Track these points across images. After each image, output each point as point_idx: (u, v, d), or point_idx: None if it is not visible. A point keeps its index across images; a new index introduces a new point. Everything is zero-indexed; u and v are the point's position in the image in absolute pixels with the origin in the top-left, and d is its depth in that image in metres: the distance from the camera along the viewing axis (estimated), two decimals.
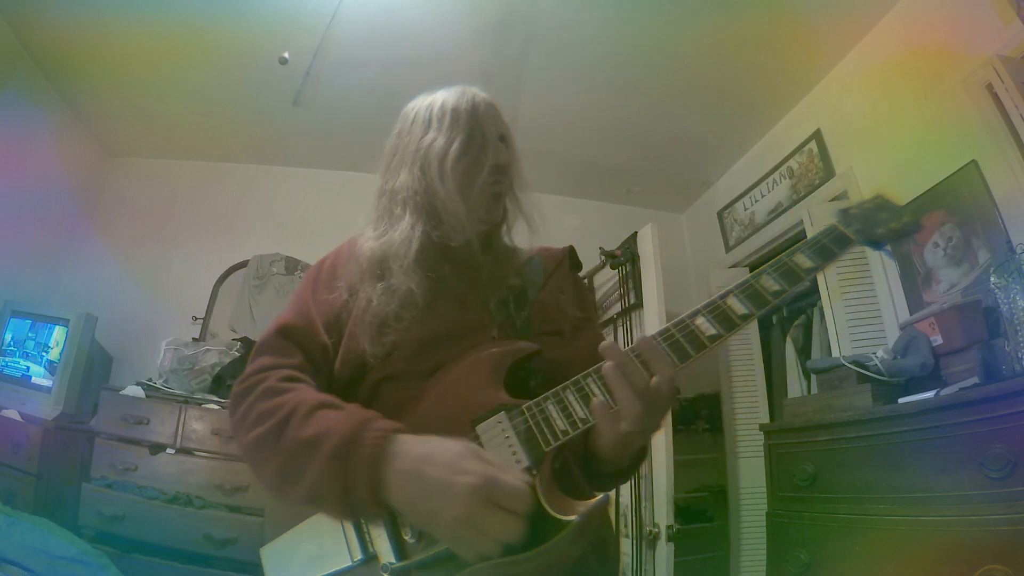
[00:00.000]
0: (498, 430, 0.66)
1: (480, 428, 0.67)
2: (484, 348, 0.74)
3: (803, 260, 0.69)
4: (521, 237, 0.93)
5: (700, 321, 0.65)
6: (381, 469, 0.60)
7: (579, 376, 0.67)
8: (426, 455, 0.60)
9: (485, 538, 0.57)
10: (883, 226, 0.73)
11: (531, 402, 0.68)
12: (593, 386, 0.65)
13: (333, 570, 0.68)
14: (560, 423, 0.65)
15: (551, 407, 0.66)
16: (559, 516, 0.60)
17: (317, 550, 0.69)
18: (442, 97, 0.89)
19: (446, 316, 0.79)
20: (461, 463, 0.59)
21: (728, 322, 0.65)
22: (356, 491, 0.60)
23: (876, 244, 0.73)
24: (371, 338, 0.76)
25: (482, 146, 0.85)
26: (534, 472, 0.64)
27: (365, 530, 0.67)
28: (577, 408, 0.65)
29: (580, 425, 0.65)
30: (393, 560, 0.64)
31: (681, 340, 0.65)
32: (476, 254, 0.85)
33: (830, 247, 0.71)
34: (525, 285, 0.86)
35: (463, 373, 0.73)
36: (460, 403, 0.70)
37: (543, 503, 0.61)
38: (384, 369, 0.76)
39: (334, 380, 0.79)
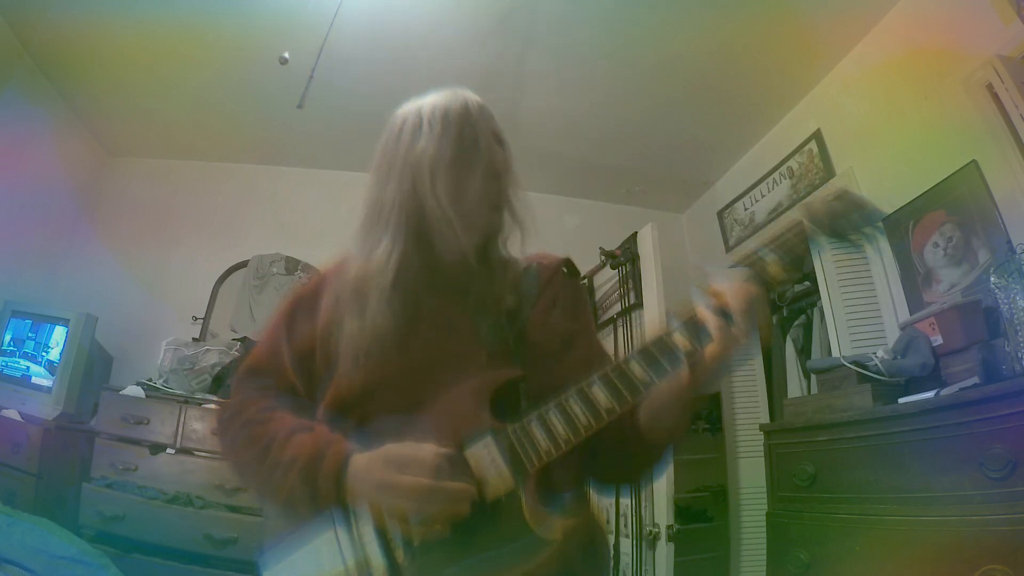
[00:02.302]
0: (485, 453, 0.69)
1: (468, 453, 0.69)
2: (470, 376, 0.75)
3: (773, 265, 0.71)
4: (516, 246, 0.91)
5: (677, 337, 0.69)
6: (339, 482, 0.70)
7: (561, 397, 0.69)
8: (365, 466, 0.69)
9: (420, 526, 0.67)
10: (846, 219, 0.74)
11: (516, 424, 0.70)
12: (575, 406, 0.69)
13: None
14: (543, 443, 0.68)
15: (535, 428, 0.69)
16: (543, 536, 0.65)
17: (314, 571, 0.71)
18: (432, 101, 0.85)
19: (432, 344, 0.79)
20: (393, 481, 0.66)
21: (703, 336, 0.68)
22: (321, 498, 0.70)
23: (841, 237, 0.75)
24: (349, 373, 0.77)
25: (475, 151, 0.81)
26: (520, 492, 0.67)
27: (360, 551, 0.70)
28: (560, 428, 0.68)
29: (563, 445, 0.68)
30: None
31: (659, 357, 0.69)
32: (468, 271, 0.82)
33: (795, 243, 0.72)
34: (519, 303, 0.83)
35: (450, 403, 0.74)
36: (448, 431, 0.71)
37: (527, 520, 0.65)
38: (372, 401, 0.77)
39: (325, 411, 0.79)
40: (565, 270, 0.91)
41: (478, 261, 0.84)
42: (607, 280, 2.90)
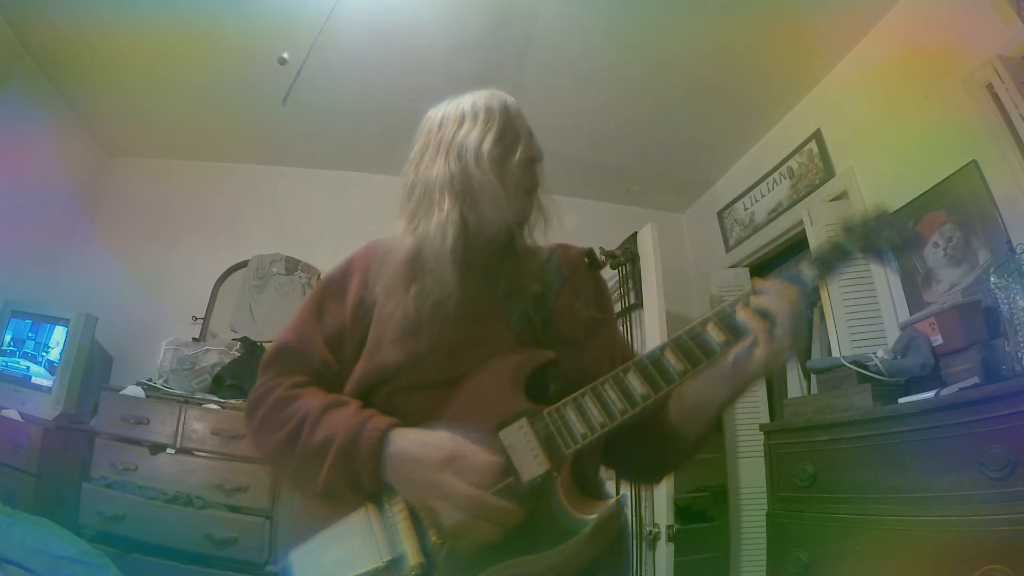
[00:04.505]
0: (520, 436, 0.70)
1: (503, 434, 0.71)
2: (503, 357, 0.76)
3: (809, 272, 0.74)
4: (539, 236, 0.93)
5: (712, 328, 0.71)
6: (379, 461, 0.69)
7: (597, 382, 0.71)
8: (415, 454, 0.69)
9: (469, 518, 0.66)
10: (885, 239, 0.76)
11: (551, 408, 0.71)
12: (610, 391, 0.70)
13: (361, 571, 0.70)
14: (579, 428, 0.70)
15: (570, 412, 0.71)
16: (579, 516, 0.66)
17: (346, 553, 0.71)
18: (471, 98, 0.89)
19: (465, 326, 0.79)
20: (448, 486, 0.66)
21: (737, 330, 0.70)
22: (362, 480, 0.69)
23: (879, 256, 0.76)
24: (397, 345, 0.77)
25: (515, 139, 0.86)
26: (555, 475, 0.68)
27: (394, 532, 0.70)
28: (595, 413, 0.70)
29: (599, 429, 0.69)
30: (421, 561, 0.68)
31: (694, 347, 0.70)
32: (499, 256, 0.85)
33: (833, 261, 0.75)
34: (544, 291, 0.86)
35: (484, 382, 0.75)
36: (483, 412, 0.72)
37: (564, 504, 0.67)
38: (403, 380, 0.77)
39: (354, 388, 0.80)
40: (587, 260, 0.95)
41: (506, 247, 0.87)
42: (607, 280, 2.90)
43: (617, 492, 2.41)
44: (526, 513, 0.67)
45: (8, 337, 2.55)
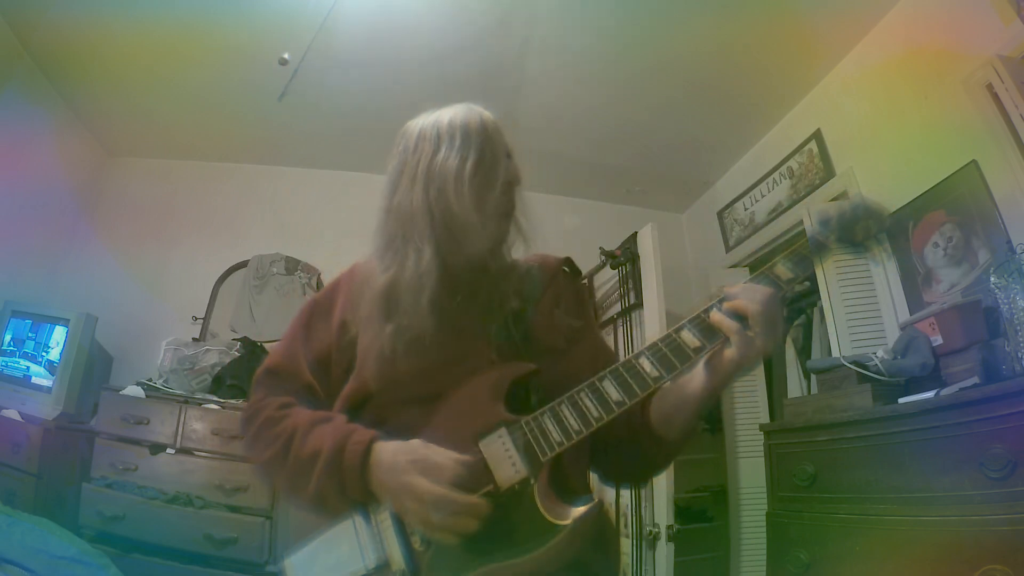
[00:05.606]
0: (499, 444, 0.72)
1: (482, 443, 0.72)
2: (484, 371, 0.78)
3: (783, 271, 0.75)
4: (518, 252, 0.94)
5: (685, 334, 0.72)
6: (364, 471, 0.72)
7: (574, 391, 0.73)
8: (390, 462, 0.71)
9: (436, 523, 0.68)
10: (861, 229, 0.77)
11: (529, 417, 0.73)
12: (586, 399, 0.72)
13: None
14: (556, 435, 0.71)
15: (547, 421, 0.72)
16: (555, 521, 0.67)
17: (334, 559, 0.74)
18: (449, 115, 0.87)
19: (447, 344, 0.81)
20: (412, 483, 0.69)
21: (711, 335, 0.71)
22: (348, 490, 0.72)
23: (856, 249, 0.78)
24: (376, 373, 0.79)
25: (493, 164, 0.84)
26: (532, 481, 0.70)
27: (379, 539, 0.72)
28: (572, 421, 0.71)
29: (574, 436, 0.71)
30: (404, 567, 0.70)
31: (668, 353, 0.72)
32: (478, 275, 0.86)
33: (807, 257, 0.77)
34: (523, 305, 0.86)
35: (465, 396, 0.77)
36: (464, 424, 0.74)
37: (540, 509, 0.69)
38: (388, 396, 0.80)
39: (343, 404, 0.83)
40: (566, 269, 0.95)
41: (484, 268, 0.88)
42: (607, 280, 2.90)
43: (617, 495, 2.41)
44: (506, 518, 0.69)
45: (8, 337, 2.55)
